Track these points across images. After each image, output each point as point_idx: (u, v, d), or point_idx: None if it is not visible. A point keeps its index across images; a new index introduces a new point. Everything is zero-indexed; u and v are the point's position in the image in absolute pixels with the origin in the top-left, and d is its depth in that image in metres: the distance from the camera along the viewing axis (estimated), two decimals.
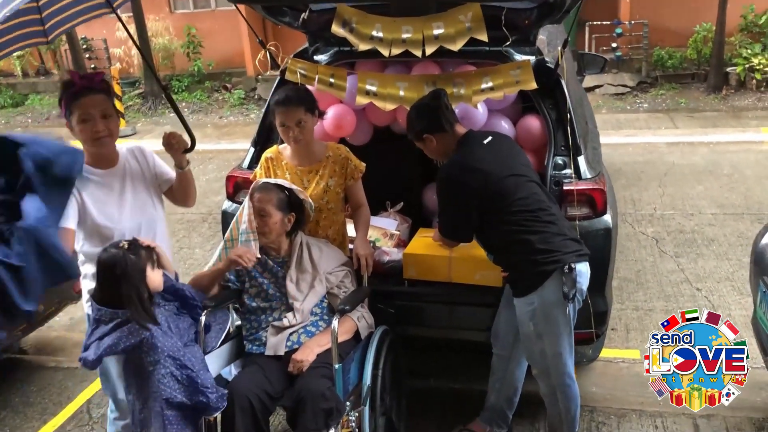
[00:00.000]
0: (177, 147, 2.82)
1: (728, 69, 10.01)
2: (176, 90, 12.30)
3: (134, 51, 12.36)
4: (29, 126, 11.96)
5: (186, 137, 2.87)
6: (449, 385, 3.72)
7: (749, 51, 9.89)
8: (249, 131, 9.84)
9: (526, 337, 2.91)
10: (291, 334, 2.88)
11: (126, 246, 2.48)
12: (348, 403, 2.73)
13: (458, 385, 3.69)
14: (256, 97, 11.86)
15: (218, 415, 2.68)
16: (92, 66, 12.69)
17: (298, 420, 2.58)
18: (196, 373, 2.48)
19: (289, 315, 2.91)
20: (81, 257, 2.77)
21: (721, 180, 6.71)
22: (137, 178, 2.85)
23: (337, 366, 2.66)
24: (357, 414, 2.78)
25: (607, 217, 3.20)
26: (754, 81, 9.74)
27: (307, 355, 2.77)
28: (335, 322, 2.69)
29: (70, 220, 2.58)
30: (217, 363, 2.84)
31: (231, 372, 2.91)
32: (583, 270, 2.81)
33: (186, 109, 11.70)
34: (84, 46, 12.73)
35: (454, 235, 3.01)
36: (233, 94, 11.87)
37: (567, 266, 2.73)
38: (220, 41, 12.35)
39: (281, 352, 2.85)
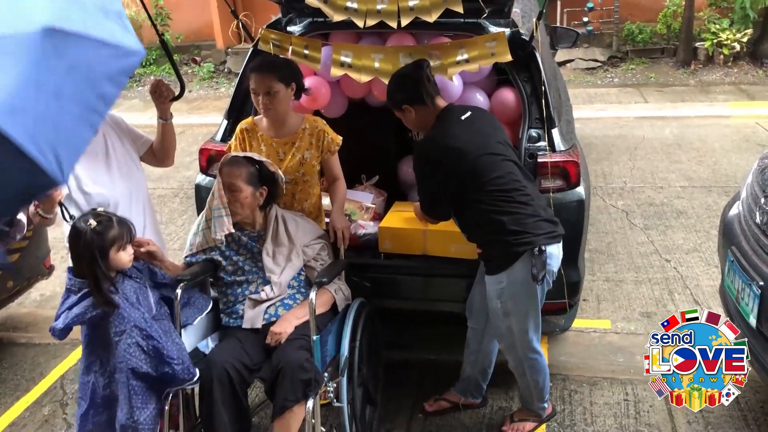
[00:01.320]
0: (165, 95, 2.84)
1: (697, 44, 10.11)
2: (144, 63, 12.05)
3: None
4: None
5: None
6: (425, 356, 3.76)
7: (717, 26, 9.98)
8: (219, 105, 9.74)
9: (494, 314, 2.95)
10: (268, 307, 2.88)
11: (93, 225, 2.45)
12: (326, 374, 2.75)
13: (433, 356, 3.73)
14: (226, 70, 11.67)
15: (196, 387, 2.70)
16: None
17: (277, 391, 2.59)
18: (162, 344, 2.48)
19: (267, 288, 2.91)
20: None
21: (690, 154, 6.82)
22: (117, 144, 2.90)
23: (315, 337, 2.68)
24: (335, 385, 2.80)
25: (581, 189, 3.24)
26: (722, 56, 9.85)
27: (285, 328, 2.77)
28: (313, 294, 2.70)
29: None
30: (193, 336, 2.83)
31: (208, 345, 2.89)
32: (555, 252, 2.83)
33: None
34: None
35: (432, 211, 3.00)
36: (203, 68, 11.67)
37: (537, 248, 2.74)
38: (189, 13, 12.08)
39: (259, 325, 2.85)
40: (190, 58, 12.07)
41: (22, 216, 4.11)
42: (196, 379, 2.56)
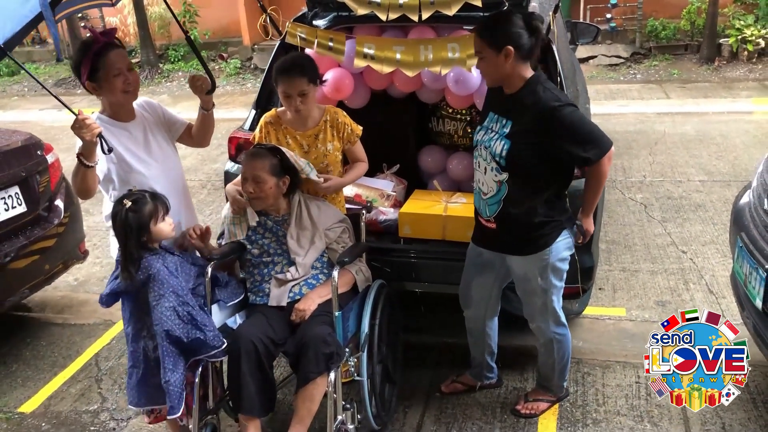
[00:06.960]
0: (202, 87, 3.02)
1: (721, 40, 10.09)
2: (172, 59, 12.32)
3: (130, 20, 12.34)
4: (26, 95, 11.97)
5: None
6: (442, 339, 3.89)
7: (742, 22, 9.95)
8: (246, 100, 9.92)
9: (530, 293, 3.01)
10: (293, 286, 3.03)
11: (129, 205, 2.64)
12: (347, 350, 2.89)
13: (451, 339, 3.85)
14: (252, 66, 11.88)
15: (224, 361, 2.86)
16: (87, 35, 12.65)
17: (301, 364, 2.74)
18: (196, 311, 2.66)
19: (292, 269, 3.05)
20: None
21: (710, 149, 6.85)
22: (154, 127, 3.08)
23: (337, 313, 2.82)
24: (355, 360, 2.94)
25: None
26: (746, 52, 9.83)
27: (309, 305, 2.92)
28: (335, 273, 2.84)
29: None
30: (222, 313, 2.99)
31: (236, 321, 3.04)
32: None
33: (182, 79, 11.73)
34: (79, 15, 12.70)
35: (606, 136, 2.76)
36: (229, 64, 11.89)
37: (574, 223, 2.94)
38: (217, 10, 12.31)
39: (284, 303, 3.00)
40: (218, 54, 12.29)
41: (59, 202, 4.32)
42: (224, 347, 2.72)
